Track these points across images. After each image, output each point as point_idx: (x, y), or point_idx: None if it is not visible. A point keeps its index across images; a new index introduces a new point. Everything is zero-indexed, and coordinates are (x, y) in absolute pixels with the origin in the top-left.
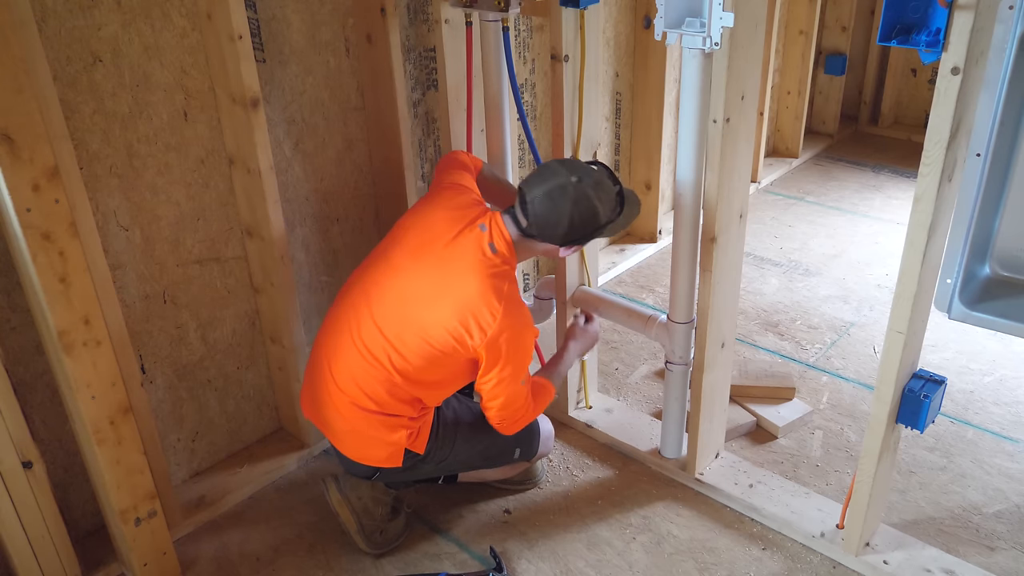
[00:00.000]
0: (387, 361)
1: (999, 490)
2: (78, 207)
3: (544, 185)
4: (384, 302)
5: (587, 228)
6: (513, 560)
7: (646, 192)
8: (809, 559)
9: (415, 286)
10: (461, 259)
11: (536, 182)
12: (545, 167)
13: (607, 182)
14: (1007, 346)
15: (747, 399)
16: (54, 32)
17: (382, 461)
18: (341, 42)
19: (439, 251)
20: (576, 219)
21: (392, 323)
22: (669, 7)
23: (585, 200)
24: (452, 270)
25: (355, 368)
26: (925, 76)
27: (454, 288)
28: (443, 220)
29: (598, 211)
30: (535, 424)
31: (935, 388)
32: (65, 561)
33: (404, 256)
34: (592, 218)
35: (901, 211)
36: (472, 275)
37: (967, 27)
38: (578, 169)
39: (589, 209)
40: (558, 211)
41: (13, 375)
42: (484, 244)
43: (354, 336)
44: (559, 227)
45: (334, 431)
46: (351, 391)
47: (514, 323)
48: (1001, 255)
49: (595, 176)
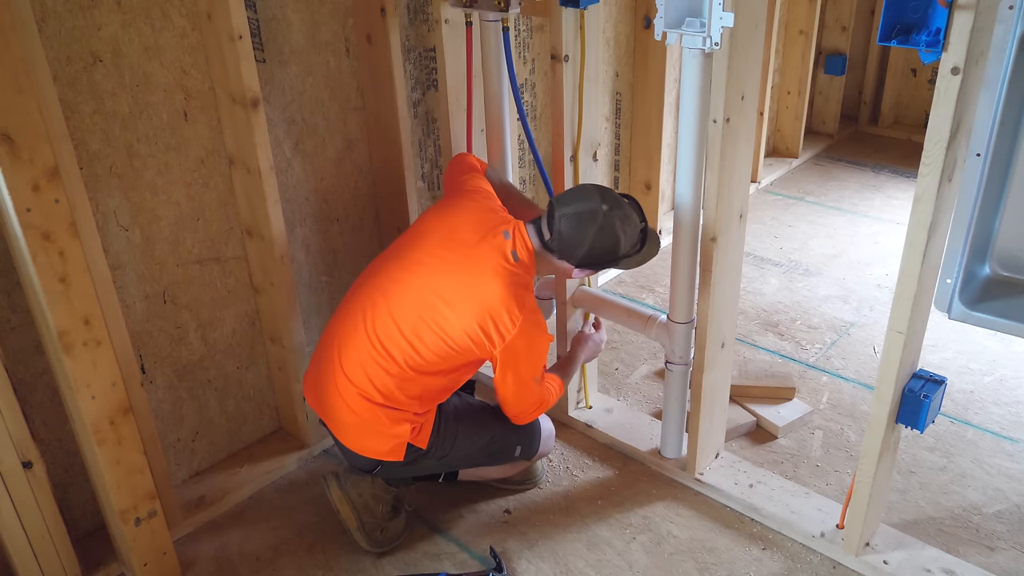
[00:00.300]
0: (400, 356)
1: (999, 490)
2: (78, 207)
3: (575, 206)
4: (403, 298)
5: (605, 256)
6: (513, 560)
7: (646, 192)
8: (809, 559)
9: (437, 285)
10: (485, 263)
11: (568, 201)
12: (581, 188)
13: (634, 217)
14: (1007, 346)
15: (747, 399)
16: (54, 32)
17: (385, 454)
18: (341, 42)
19: (463, 253)
20: (597, 246)
21: (410, 319)
22: (669, 7)
23: (610, 230)
24: (475, 273)
25: (366, 360)
26: (925, 76)
27: (477, 291)
28: (468, 223)
29: (620, 243)
30: (536, 423)
31: (935, 388)
32: (65, 561)
33: (426, 255)
34: (612, 248)
35: (901, 211)
36: (495, 280)
37: (967, 27)
38: (611, 199)
39: (612, 239)
40: (583, 234)
41: (13, 375)
42: (507, 251)
43: (368, 329)
44: (579, 248)
45: (338, 422)
46: (360, 382)
47: (531, 330)
48: (1001, 255)
49: (625, 210)
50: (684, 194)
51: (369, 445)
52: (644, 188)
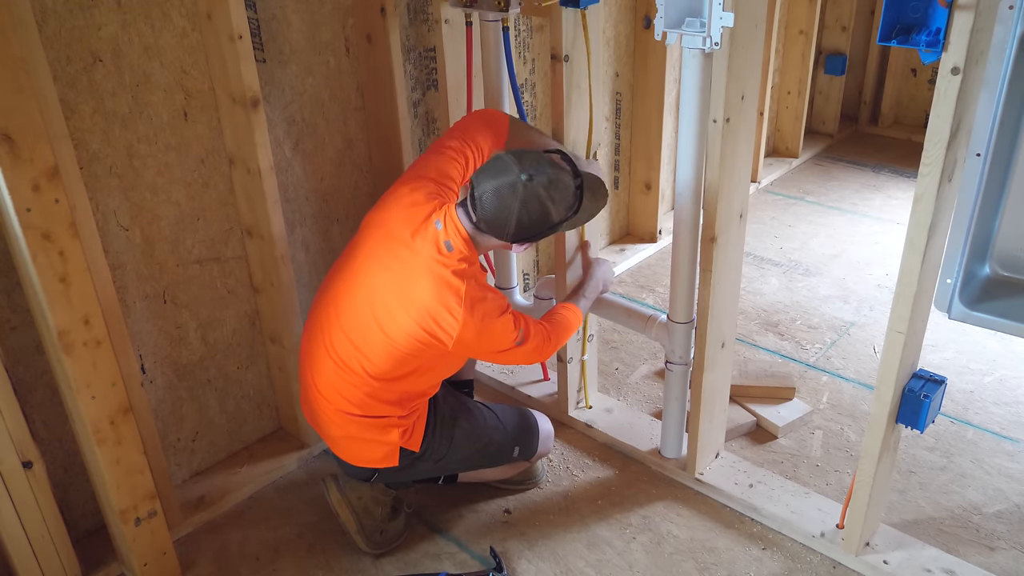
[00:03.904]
0: (359, 368)
1: (999, 490)
2: (78, 207)
3: (493, 181)
4: (350, 310)
5: (537, 228)
6: (513, 560)
7: (646, 192)
8: (809, 559)
9: (377, 292)
10: (418, 261)
11: (486, 176)
12: (497, 159)
13: (563, 178)
14: (1007, 346)
15: (747, 399)
16: (54, 32)
17: (378, 462)
18: (341, 42)
19: (398, 252)
20: (525, 220)
21: (358, 331)
22: (669, 7)
23: (535, 200)
24: (410, 274)
25: (332, 378)
26: (925, 76)
27: (413, 294)
28: (400, 219)
29: (549, 212)
30: (534, 423)
31: (935, 388)
32: (65, 561)
33: (367, 259)
34: (542, 219)
35: (901, 211)
36: (430, 279)
37: (967, 27)
38: (531, 165)
39: (539, 210)
40: (506, 210)
41: (13, 375)
42: (440, 242)
43: (327, 347)
44: (507, 225)
45: (329, 436)
46: (334, 399)
47: (478, 320)
48: (1001, 255)
49: (550, 173)
50: (684, 194)
51: (362, 455)
52: (644, 188)
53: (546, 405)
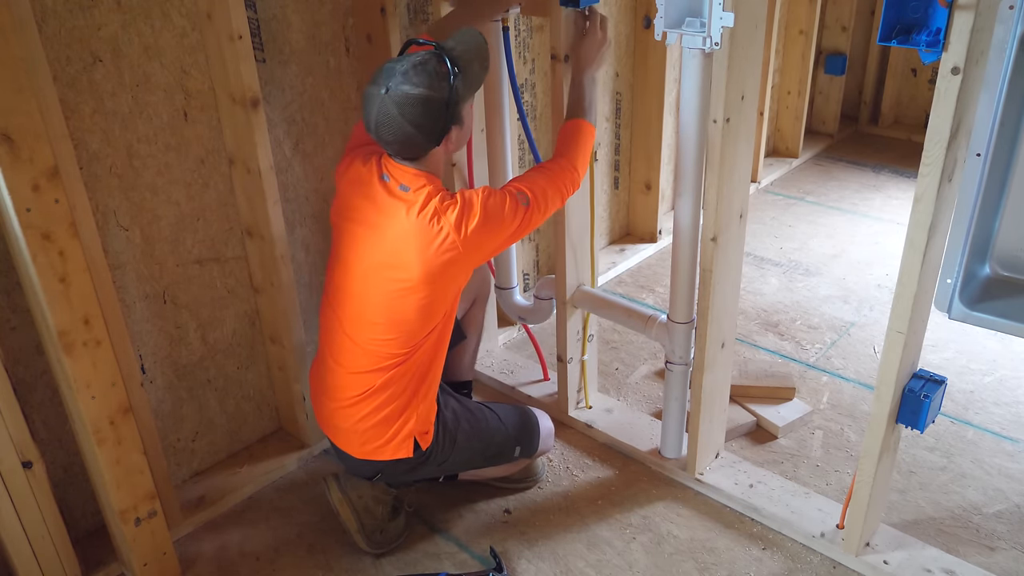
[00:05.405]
0: (390, 334)
1: (999, 490)
2: (78, 207)
3: (369, 112)
4: (356, 303)
5: (437, 113)
6: (513, 560)
7: (646, 192)
8: (809, 559)
9: (370, 261)
10: (388, 215)
11: (364, 115)
12: (363, 97)
13: (419, 58)
14: (1007, 346)
15: (747, 399)
16: (54, 32)
17: (391, 453)
18: (341, 42)
19: (368, 220)
20: (416, 118)
21: (379, 312)
22: (669, 7)
23: (405, 98)
24: (388, 229)
25: (357, 358)
26: (925, 76)
27: (400, 245)
28: (356, 195)
29: (429, 96)
30: (535, 422)
31: (935, 388)
32: (65, 561)
33: (349, 241)
34: (429, 104)
35: (901, 211)
36: (405, 222)
37: (967, 27)
38: (385, 74)
39: (418, 100)
40: (394, 124)
41: (13, 375)
42: (396, 190)
43: (349, 335)
44: (412, 136)
45: (345, 431)
46: (360, 380)
47: (466, 207)
48: (1001, 255)
49: (402, 66)
50: (684, 194)
51: (375, 447)
52: (644, 188)
53: (546, 405)
